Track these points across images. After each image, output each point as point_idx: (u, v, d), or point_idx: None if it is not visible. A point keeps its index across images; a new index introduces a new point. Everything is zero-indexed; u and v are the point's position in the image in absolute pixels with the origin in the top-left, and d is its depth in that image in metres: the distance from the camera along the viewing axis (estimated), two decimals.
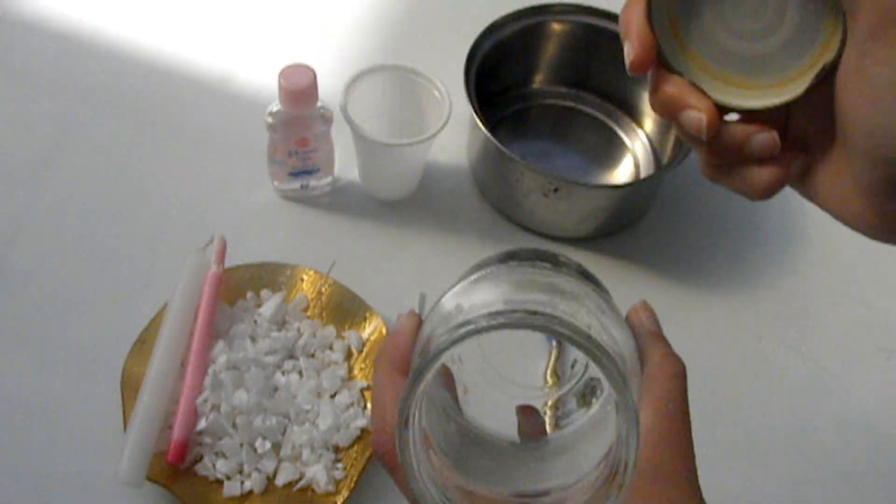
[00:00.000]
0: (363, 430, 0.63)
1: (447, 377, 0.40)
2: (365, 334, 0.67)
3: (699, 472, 0.67)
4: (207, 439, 0.60)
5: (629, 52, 0.39)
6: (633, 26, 0.39)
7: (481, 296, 0.36)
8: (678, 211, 0.81)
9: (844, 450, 0.68)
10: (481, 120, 0.72)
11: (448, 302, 0.37)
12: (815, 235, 0.81)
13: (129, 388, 0.61)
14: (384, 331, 0.66)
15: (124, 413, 0.60)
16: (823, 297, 0.77)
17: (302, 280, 0.69)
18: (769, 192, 0.40)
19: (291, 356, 0.66)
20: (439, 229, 0.77)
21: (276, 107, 0.69)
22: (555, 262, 0.39)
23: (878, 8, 0.33)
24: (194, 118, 0.82)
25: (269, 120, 0.69)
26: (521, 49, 0.82)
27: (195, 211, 0.75)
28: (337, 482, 0.60)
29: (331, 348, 0.67)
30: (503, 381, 0.43)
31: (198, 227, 0.72)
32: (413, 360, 0.38)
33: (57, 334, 0.67)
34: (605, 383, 0.32)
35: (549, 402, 0.45)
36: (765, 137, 0.39)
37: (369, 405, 0.64)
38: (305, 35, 0.91)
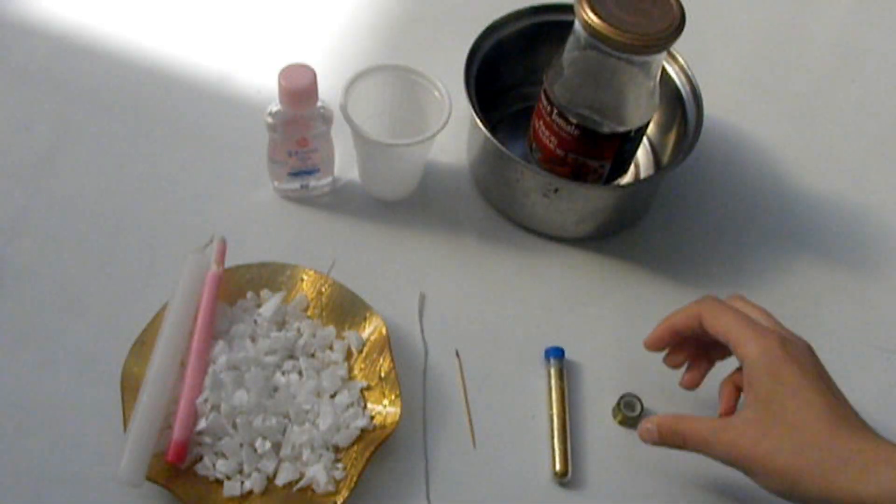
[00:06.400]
0: (363, 430, 0.63)
1: None
2: (365, 334, 0.67)
3: (704, 474, 0.67)
4: (207, 439, 0.60)
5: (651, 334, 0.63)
6: (661, 329, 0.62)
7: None
8: (678, 211, 0.81)
9: None
10: (481, 120, 0.72)
11: None
12: (815, 236, 0.81)
13: (129, 388, 0.61)
14: (384, 331, 0.66)
15: (124, 413, 0.60)
16: (823, 297, 0.77)
17: (302, 280, 0.69)
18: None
19: (291, 356, 0.66)
20: (439, 229, 0.77)
21: (276, 107, 0.69)
22: None
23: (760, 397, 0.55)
24: (194, 118, 0.82)
25: (269, 120, 0.69)
26: (521, 49, 0.81)
27: (195, 211, 0.75)
28: (337, 482, 0.60)
29: (331, 348, 0.67)
30: None
31: (198, 227, 0.72)
32: None
33: (57, 334, 0.67)
34: None
35: None
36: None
37: (369, 405, 0.64)
38: (305, 35, 0.91)
